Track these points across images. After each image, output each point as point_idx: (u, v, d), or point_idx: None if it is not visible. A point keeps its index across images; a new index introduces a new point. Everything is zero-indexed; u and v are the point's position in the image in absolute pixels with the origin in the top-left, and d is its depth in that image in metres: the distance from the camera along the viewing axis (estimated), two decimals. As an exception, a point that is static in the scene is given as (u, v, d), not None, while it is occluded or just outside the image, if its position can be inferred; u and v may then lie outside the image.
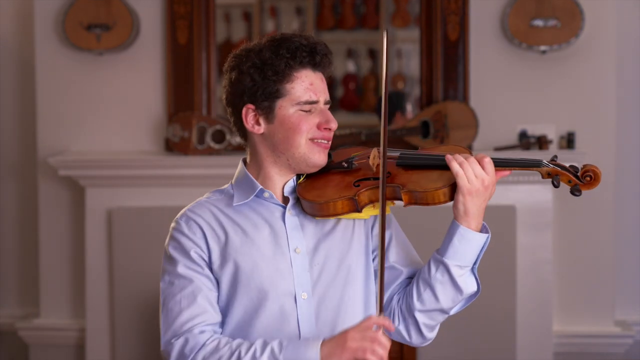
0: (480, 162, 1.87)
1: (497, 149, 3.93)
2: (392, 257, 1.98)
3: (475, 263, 1.91)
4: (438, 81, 3.96)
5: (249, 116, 1.91)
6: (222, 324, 1.91)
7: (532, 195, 3.91)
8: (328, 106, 1.94)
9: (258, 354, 1.78)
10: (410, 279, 1.98)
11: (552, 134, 3.96)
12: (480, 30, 3.99)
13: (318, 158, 1.92)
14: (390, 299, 1.97)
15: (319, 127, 1.90)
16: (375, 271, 1.98)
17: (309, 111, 1.89)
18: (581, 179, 1.86)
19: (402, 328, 1.96)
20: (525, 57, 3.98)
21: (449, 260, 1.88)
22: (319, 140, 1.91)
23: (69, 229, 4.16)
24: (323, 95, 1.91)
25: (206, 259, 1.90)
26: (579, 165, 1.91)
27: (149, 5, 4.08)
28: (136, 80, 4.10)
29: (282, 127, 1.89)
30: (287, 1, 4.84)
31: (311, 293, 1.90)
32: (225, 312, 1.91)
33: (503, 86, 4.01)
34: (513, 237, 3.88)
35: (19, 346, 4.30)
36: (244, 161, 2.00)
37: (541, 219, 3.89)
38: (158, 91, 4.11)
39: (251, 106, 1.90)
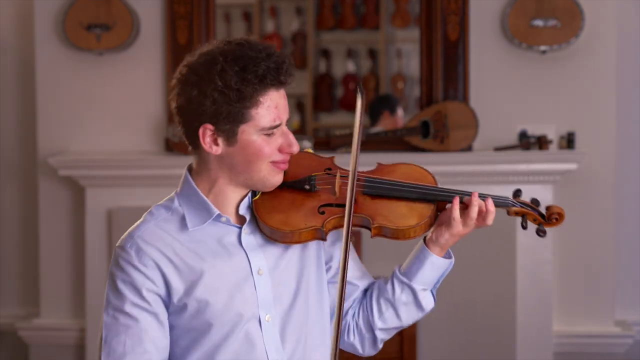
0: (487, 207, 1.89)
1: (497, 149, 3.93)
2: (348, 272, 1.87)
3: (436, 284, 1.94)
4: (438, 81, 3.96)
5: (206, 136, 1.79)
6: (186, 352, 1.83)
7: (532, 195, 3.89)
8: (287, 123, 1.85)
9: None
10: (364, 291, 1.98)
11: (552, 134, 3.96)
12: (480, 30, 3.99)
13: (277, 180, 1.84)
14: (345, 313, 1.95)
15: (280, 150, 1.82)
16: (332, 283, 1.94)
17: (272, 134, 1.80)
18: (547, 220, 1.90)
19: (356, 342, 1.96)
20: (525, 57, 3.98)
21: (417, 284, 1.91)
22: (279, 163, 1.83)
23: (69, 229, 4.16)
24: (285, 114, 1.82)
25: (160, 292, 1.80)
26: (539, 199, 1.96)
27: (149, 5, 4.08)
28: (136, 80, 4.11)
29: (243, 151, 1.79)
30: (287, 1, 4.84)
31: (275, 314, 1.84)
32: (188, 340, 1.83)
33: (503, 86, 4.01)
34: (513, 237, 3.88)
35: (19, 346, 4.30)
36: (189, 170, 1.89)
37: (541, 219, 3.89)
38: (158, 91, 4.11)
39: (210, 127, 1.78)
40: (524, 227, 1.90)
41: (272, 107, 1.78)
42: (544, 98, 3.99)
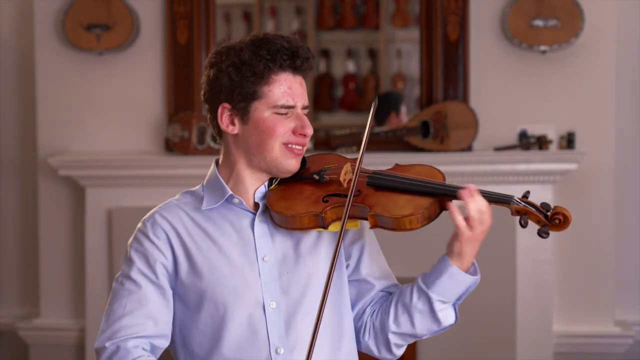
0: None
1: (497, 149, 3.93)
2: (365, 269, 1.95)
3: (459, 299, 1.90)
4: (438, 81, 3.96)
5: (224, 115, 1.87)
6: (189, 332, 1.87)
7: (532, 195, 3.88)
8: (306, 111, 1.89)
9: None
10: (383, 292, 1.96)
11: (552, 134, 3.97)
12: (480, 30, 3.99)
13: (290, 164, 1.88)
14: (363, 311, 1.95)
15: (294, 132, 1.86)
16: (350, 282, 1.95)
17: (285, 114, 1.85)
18: (550, 221, 1.83)
19: (371, 343, 1.94)
20: (525, 57, 3.98)
21: (434, 294, 1.86)
22: (293, 146, 1.87)
23: (69, 229, 4.16)
24: (301, 100, 1.87)
25: (168, 266, 1.87)
26: (550, 203, 1.87)
27: (149, 5, 4.08)
28: (136, 80, 4.11)
29: (256, 130, 1.85)
30: (287, 1, 4.84)
31: (280, 302, 1.86)
32: (192, 320, 1.87)
33: (503, 86, 4.01)
34: (513, 238, 3.88)
35: (19, 346, 4.30)
36: (217, 162, 1.95)
37: (541, 219, 3.89)
38: (158, 91, 4.11)
39: (227, 105, 1.86)
40: (523, 226, 1.84)
41: (285, 87, 1.85)
42: (544, 98, 3.99)
